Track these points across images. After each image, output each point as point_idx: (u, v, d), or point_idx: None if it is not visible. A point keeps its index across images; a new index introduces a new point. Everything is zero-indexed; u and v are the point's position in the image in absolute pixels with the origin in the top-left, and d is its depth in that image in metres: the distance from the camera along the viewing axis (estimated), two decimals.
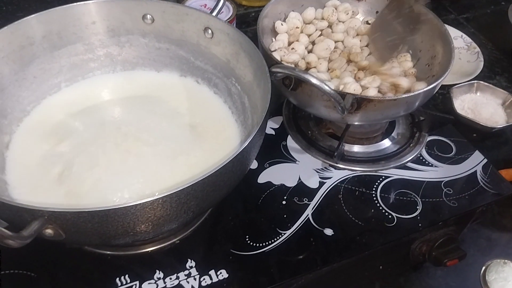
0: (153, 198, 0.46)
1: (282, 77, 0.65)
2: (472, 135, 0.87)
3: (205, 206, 0.54)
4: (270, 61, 0.66)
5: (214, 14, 0.70)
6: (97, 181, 0.59)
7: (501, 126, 0.86)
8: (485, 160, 0.77)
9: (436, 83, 0.67)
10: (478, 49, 1.06)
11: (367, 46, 0.80)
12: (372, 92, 0.69)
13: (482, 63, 1.02)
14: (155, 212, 0.47)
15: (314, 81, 0.58)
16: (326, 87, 0.58)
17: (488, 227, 0.79)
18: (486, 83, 0.94)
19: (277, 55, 0.74)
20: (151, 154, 0.62)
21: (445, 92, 0.94)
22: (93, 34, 0.72)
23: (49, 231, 0.46)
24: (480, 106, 0.92)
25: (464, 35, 1.09)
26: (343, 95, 0.62)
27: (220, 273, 0.61)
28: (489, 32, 1.15)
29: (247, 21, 1.11)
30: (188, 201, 0.49)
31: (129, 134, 0.64)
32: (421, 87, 0.69)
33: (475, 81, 0.95)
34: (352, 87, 0.67)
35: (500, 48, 1.10)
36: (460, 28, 1.11)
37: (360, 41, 0.80)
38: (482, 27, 1.17)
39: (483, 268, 0.73)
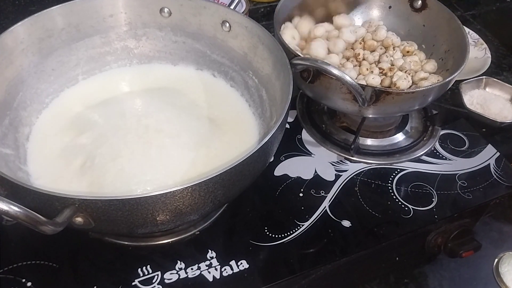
0: (183, 187, 0.46)
1: (301, 70, 0.66)
2: (481, 129, 0.88)
3: (230, 195, 0.55)
4: (289, 54, 0.67)
5: (232, 7, 0.71)
6: (119, 172, 0.59)
7: (510, 121, 0.87)
8: (498, 154, 0.78)
9: (452, 76, 0.68)
10: (485, 45, 1.06)
11: None
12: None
13: (489, 59, 1.03)
14: (183, 201, 0.48)
15: (336, 72, 0.58)
16: (348, 78, 0.59)
17: (500, 220, 0.80)
18: (494, 79, 0.95)
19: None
20: (173, 145, 0.63)
21: (454, 88, 0.94)
22: (111, 27, 0.73)
23: (79, 219, 0.46)
24: (489, 101, 0.93)
25: (472, 32, 1.10)
26: (363, 87, 0.63)
27: (241, 263, 0.62)
28: (496, 28, 1.16)
29: (256, 17, 1.12)
30: (216, 190, 0.49)
31: (150, 125, 0.64)
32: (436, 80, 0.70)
33: (484, 76, 0.95)
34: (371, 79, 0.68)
35: (507, 44, 1.11)
36: (467, 25, 1.12)
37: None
38: (488, 24, 1.18)
39: (496, 260, 0.74)
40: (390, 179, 0.73)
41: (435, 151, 0.78)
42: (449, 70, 0.75)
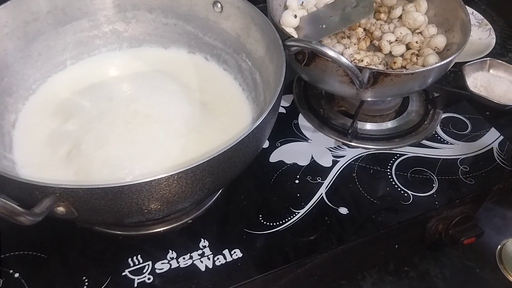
0: (168, 174, 0.44)
1: (295, 52, 0.63)
2: (485, 113, 0.85)
3: (220, 183, 0.53)
4: (282, 35, 0.64)
5: None
6: (107, 159, 0.57)
7: None
8: (501, 137, 0.76)
9: (453, 57, 0.65)
10: (489, 26, 1.03)
11: None
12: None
13: (494, 40, 1.00)
14: (170, 189, 0.46)
15: (331, 53, 0.56)
16: (344, 60, 0.56)
17: (503, 206, 0.77)
18: (499, 60, 0.92)
19: None
20: (162, 131, 0.60)
21: (457, 70, 0.91)
22: (99, 9, 0.70)
23: (61, 209, 0.45)
24: (493, 83, 0.89)
25: (475, 12, 1.07)
26: (360, 68, 0.60)
27: (234, 252, 0.60)
28: (501, 8, 1.12)
29: None
30: (204, 177, 0.47)
31: (138, 111, 0.62)
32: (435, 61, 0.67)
33: (488, 58, 0.92)
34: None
35: None
36: (471, 5, 1.09)
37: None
38: (493, 3, 1.14)
39: (499, 246, 0.72)
40: (389, 164, 0.71)
41: (436, 135, 0.76)
42: (450, 51, 0.72)
